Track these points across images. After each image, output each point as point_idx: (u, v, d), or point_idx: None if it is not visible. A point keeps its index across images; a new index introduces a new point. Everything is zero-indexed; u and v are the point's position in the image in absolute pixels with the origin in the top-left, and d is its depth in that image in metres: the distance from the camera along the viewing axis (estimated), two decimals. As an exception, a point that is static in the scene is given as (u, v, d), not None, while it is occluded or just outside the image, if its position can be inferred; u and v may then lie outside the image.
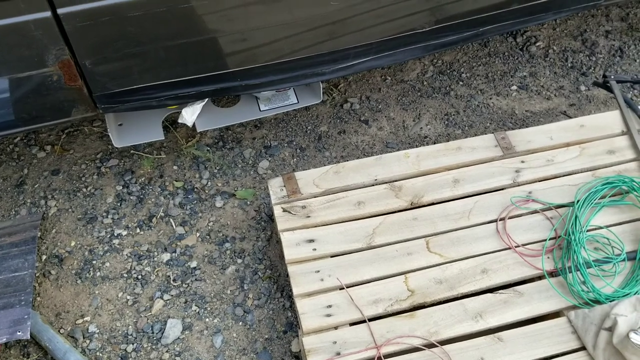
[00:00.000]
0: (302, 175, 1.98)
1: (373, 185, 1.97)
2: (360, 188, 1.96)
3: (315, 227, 1.88)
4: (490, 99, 2.52)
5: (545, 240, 1.83)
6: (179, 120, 2.00)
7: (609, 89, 2.19)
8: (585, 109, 2.46)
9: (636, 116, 2.08)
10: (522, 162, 2.01)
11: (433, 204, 1.93)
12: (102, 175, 2.27)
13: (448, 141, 2.11)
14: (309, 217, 1.89)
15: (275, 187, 1.96)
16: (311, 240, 1.84)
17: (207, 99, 1.98)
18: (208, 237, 2.11)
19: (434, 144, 2.24)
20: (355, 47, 1.88)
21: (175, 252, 2.07)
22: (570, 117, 2.36)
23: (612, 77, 2.21)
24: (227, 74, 1.76)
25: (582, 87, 2.54)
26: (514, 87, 2.56)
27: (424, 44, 1.97)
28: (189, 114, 1.98)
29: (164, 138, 2.08)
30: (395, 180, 1.98)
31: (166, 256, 2.06)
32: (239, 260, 2.05)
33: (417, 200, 1.93)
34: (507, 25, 2.04)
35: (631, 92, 2.51)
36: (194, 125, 2.06)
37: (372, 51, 1.92)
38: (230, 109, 2.19)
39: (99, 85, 1.65)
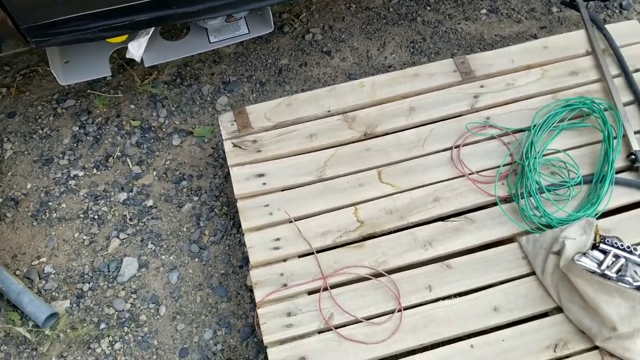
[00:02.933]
0: (253, 109, 1.92)
1: (326, 116, 1.91)
2: (312, 120, 1.91)
3: (266, 161, 1.84)
4: (459, 24, 2.42)
5: (499, 166, 1.78)
6: (127, 55, 1.93)
7: (576, 8, 2.08)
8: (557, 31, 2.36)
9: (601, 35, 1.98)
10: (481, 86, 1.94)
11: (387, 134, 1.88)
12: (58, 117, 2.23)
13: (412, 69, 2.03)
14: (259, 151, 1.85)
15: (226, 122, 1.91)
16: (261, 175, 1.80)
17: (151, 31, 1.91)
18: (165, 175, 2.08)
19: (396, 72, 2.16)
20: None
21: (131, 191, 2.05)
22: (540, 40, 2.26)
23: (580, -6, 2.10)
24: (161, 1, 1.66)
25: (554, 9, 2.43)
26: (484, 11, 2.45)
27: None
28: (136, 48, 1.92)
29: (110, 74, 2.02)
30: (349, 111, 1.92)
31: (123, 196, 2.04)
32: (196, 198, 2.03)
33: (370, 131, 1.88)
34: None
35: (604, 12, 2.39)
36: (149, 63, 1.99)
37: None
38: (179, 42, 2.11)
39: (23, 17, 1.56)
